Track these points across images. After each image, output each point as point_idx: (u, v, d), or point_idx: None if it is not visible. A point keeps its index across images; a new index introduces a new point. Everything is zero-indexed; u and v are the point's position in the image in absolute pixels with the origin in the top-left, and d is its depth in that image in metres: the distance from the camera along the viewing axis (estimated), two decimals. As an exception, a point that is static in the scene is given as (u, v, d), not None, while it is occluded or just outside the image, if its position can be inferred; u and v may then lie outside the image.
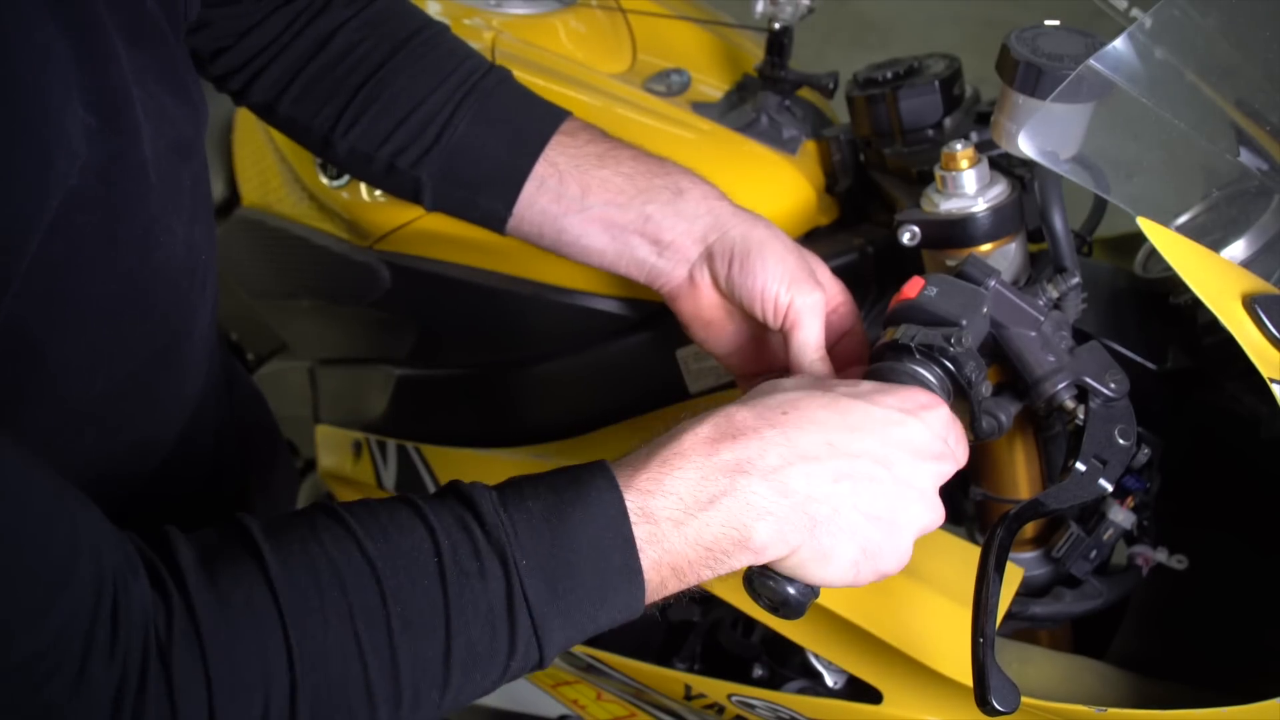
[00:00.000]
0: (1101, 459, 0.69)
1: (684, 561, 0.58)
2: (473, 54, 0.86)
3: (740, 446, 0.60)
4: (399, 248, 1.05)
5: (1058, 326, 0.74)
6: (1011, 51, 0.68)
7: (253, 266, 1.25)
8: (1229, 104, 0.75)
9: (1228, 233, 0.74)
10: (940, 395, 0.68)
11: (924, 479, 0.63)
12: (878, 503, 0.61)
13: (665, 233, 0.79)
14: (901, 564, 0.63)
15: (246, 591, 0.51)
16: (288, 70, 0.84)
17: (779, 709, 0.90)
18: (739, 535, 0.59)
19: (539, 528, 0.56)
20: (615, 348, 1.00)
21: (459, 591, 0.54)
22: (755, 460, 0.59)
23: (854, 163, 1.00)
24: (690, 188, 0.80)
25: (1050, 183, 0.73)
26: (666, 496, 0.58)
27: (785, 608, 0.63)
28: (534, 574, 0.55)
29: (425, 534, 0.55)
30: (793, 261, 0.77)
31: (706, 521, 0.58)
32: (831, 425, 0.62)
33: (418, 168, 0.82)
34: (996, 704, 0.62)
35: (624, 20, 1.14)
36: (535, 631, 0.56)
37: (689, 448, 0.60)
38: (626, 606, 0.58)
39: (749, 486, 0.59)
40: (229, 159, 1.26)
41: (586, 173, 0.81)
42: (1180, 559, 0.82)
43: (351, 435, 1.21)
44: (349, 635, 0.52)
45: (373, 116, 0.82)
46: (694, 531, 0.58)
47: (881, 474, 0.61)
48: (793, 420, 0.62)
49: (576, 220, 0.81)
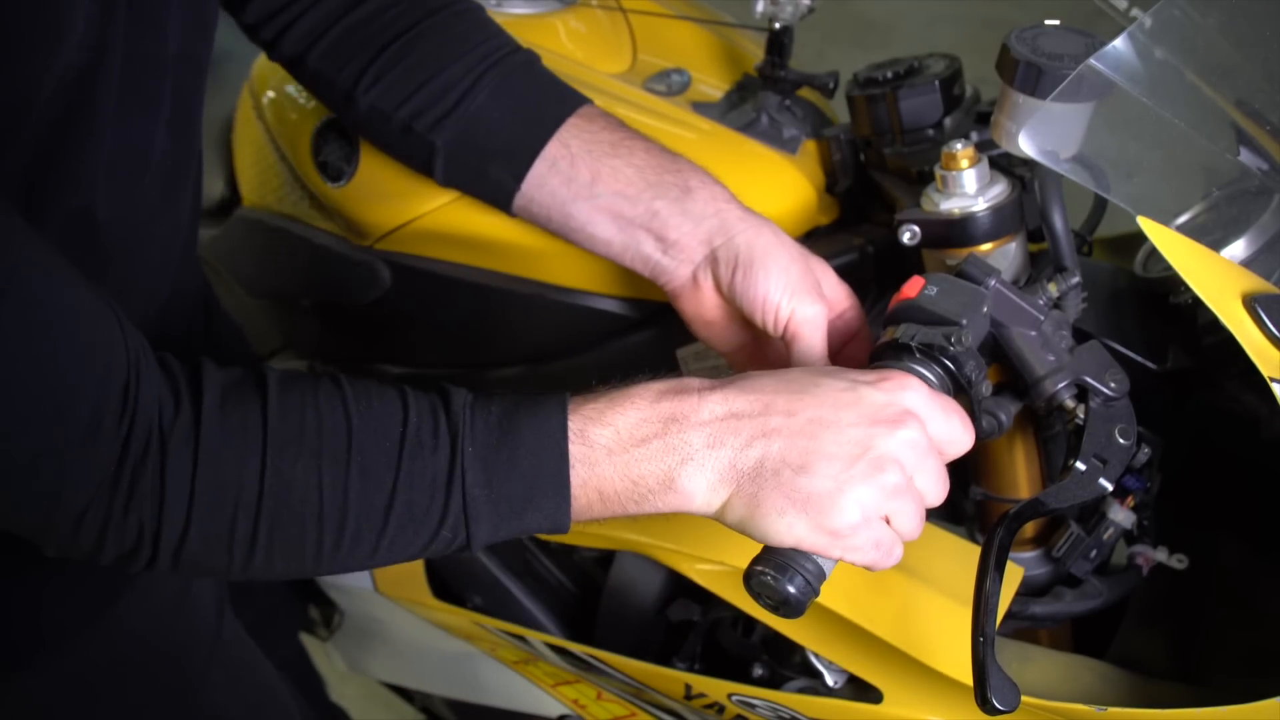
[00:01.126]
0: (1101, 458, 0.69)
1: (611, 489, 0.63)
2: (503, 33, 0.87)
3: (681, 401, 0.64)
4: (399, 247, 1.05)
5: (1058, 326, 0.74)
6: (1011, 51, 0.68)
7: (253, 266, 1.25)
8: (1229, 104, 0.75)
9: (1228, 232, 0.74)
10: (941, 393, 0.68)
11: (875, 442, 0.63)
12: (810, 458, 0.62)
13: (671, 231, 0.79)
14: (853, 527, 0.62)
15: (244, 415, 0.60)
16: (320, 24, 0.85)
17: (779, 708, 0.90)
18: (665, 475, 0.63)
19: (491, 424, 0.63)
20: (615, 347, 1.00)
21: (412, 456, 0.62)
22: (690, 415, 0.63)
23: (854, 162, 1.00)
24: (699, 187, 0.80)
25: (1050, 182, 0.74)
26: (606, 427, 0.63)
27: (785, 607, 0.63)
28: (476, 460, 0.62)
29: (399, 407, 0.63)
30: (796, 271, 0.77)
31: (637, 457, 0.63)
32: (773, 389, 0.65)
33: (433, 132, 0.83)
34: (997, 703, 0.62)
35: (624, 20, 1.14)
36: (465, 510, 0.62)
37: (637, 394, 0.65)
38: (551, 516, 0.64)
39: (681, 434, 0.63)
40: (229, 159, 1.26)
41: (599, 160, 0.81)
42: (1180, 559, 0.82)
43: (351, 435, 1.21)
44: (314, 469, 0.61)
45: (396, 76, 0.83)
46: (624, 463, 0.63)
47: (818, 431, 0.63)
48: (737, 384, 0.65)
49: (584, 207, 0.81)
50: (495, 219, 0.97)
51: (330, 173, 1.07)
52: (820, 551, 0.63)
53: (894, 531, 0.64)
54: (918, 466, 0.64)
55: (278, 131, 1.14)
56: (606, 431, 0.63)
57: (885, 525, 0.64)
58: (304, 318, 1.26)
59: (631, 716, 1.09)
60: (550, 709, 1.21)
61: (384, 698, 1.63)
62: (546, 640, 1.07)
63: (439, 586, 1.20)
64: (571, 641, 1.04)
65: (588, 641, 1.02)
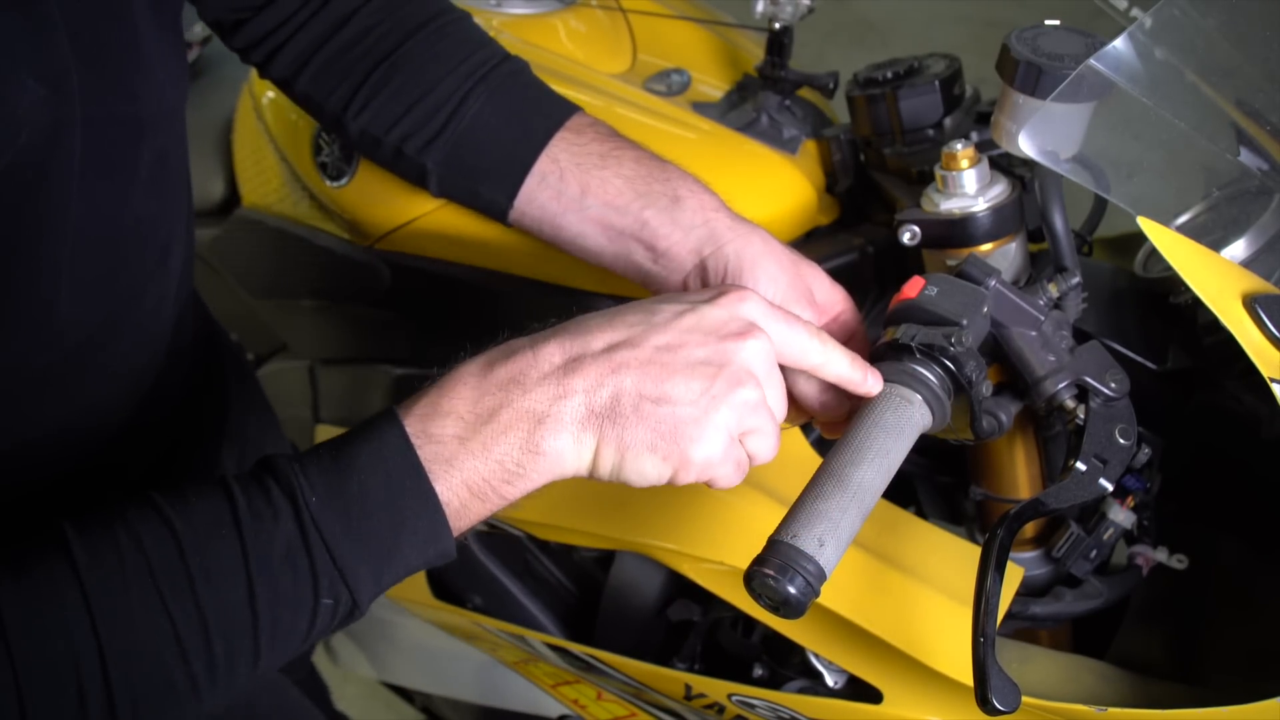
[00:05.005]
0: (1102, 458, 0.69)
1: (479, 479, 0.58)
2: (489, 43, 0.86)
3: (514, 362, 0.60)
4: (399, 247, 1.05)
5: (1058, 326, 0.74)
6: (1011, 51, 0.68)
7: (253, 266, 1.25)
8: (1229, 104, 0.75)
9: (1228, 232, 0.74)
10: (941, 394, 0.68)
11: (727, 357, 0.61)
12: (665, 385, 0.60)
13: (661, 240, 0.79)
14: (723, 452, 0.61)
15: (46, 567, 0.52)
16: (306, 48, 0.85)
17: (779, 709, 0.90)
18: (526, 444, 0.58)
19: (327, 466, 0.57)
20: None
21: (254, 534, 0.54)
22: (528, 371, 0.60)
23: (854, 162, 1.00)
24: (688, 196, 0.79)
25: (1050, 182, 0.74)
26: (445, 417, 0.58)
27: (785, 607, 0.63)
28: (324, 508, 0.56)
29: (222, 494, 0.56)
30: (786, 280, 0.76)
31: (490, 434, 0.58)
32: (609, 324, 0.62)
33: (424, 154, 0.83)
34: (997, 703, 0.62)
35: (624, 20, 1.14)
36: (335, 565, 0.56)
37: (465, 372, 0.61)
38: (430, 533, 0.58)
39: (525, 396, 0.59)
40: (229, 159, 1.26)
41: (587, 172, 0.81)
42: (1180, 559, 0.82)
43: (351, 435, 1.21)
44: (151, 591, 0.52)
45: (383, 100, 0.83)
46: (480, 446, 0.58)
47: (667, 357, 0.60)
48: (569, 328, 0.62)
49: (575, 219, 0.81)
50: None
51: (330, 173, 1.07)
52: (687, 481, 0.61)
53: (748, 452, 0.63)
54: (767, 379, 0.62)
55: (278, 131, 1.14)
56: (448, 421, 0.58)
57: (741, 445, 0.62)
58: (304, 318, 1.26)
59: (631, 717, 1.09)
60: (550, 709, 1.21)
61: (384, 698, 1.63)
62: (546, 640, 1.07)
63: (439, 587, 1.20)
64: (571, 642, 1.04)
65: (588, 642, 1.02)
